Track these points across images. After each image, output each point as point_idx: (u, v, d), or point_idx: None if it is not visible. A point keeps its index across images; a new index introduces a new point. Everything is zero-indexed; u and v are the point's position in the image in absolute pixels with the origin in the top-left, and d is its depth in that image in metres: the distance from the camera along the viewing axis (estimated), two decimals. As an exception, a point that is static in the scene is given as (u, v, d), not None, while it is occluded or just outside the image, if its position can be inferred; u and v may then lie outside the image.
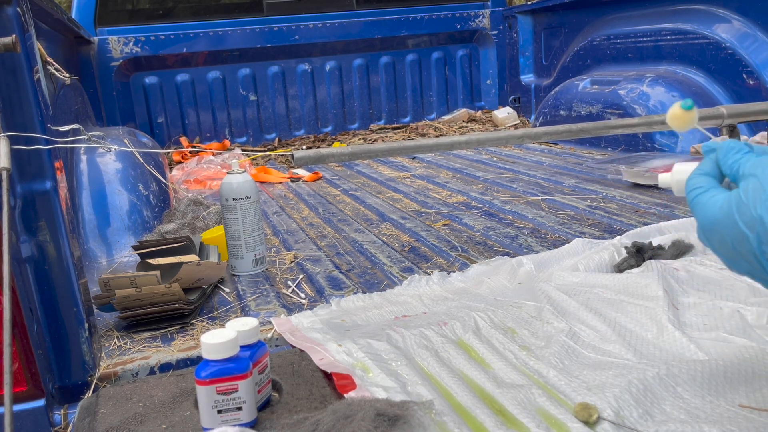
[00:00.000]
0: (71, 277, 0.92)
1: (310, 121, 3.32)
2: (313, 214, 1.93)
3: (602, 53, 2.81)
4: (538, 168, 2.33)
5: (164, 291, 1.10)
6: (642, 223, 1.53)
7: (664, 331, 0.91)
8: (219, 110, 3.17)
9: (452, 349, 0.92)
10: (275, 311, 1.17)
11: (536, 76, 3.36)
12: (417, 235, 1.60)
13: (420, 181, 2.31)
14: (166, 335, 1.09)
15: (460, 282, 1.24)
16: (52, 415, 0.93)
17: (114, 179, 1.70)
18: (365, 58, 3.33)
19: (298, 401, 0.82)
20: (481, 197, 1.95)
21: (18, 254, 0.88)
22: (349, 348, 0.93)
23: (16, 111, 0.87)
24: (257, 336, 0.80)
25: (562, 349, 0.90)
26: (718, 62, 2.23)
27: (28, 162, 0.88)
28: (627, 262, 1.18)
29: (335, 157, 1.06)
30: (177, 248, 1.34)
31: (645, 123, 1.10)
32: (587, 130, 1.10)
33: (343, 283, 1.30)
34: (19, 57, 0.85)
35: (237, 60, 3.14)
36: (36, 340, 0.90)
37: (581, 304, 1.02)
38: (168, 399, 0.85)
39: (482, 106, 3.55)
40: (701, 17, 2.30)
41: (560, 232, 1.52)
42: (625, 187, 1.91)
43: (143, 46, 2.96)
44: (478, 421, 0.74)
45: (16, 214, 0.88)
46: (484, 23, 3.42)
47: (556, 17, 3.14)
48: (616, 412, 0.73)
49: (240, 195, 1.35)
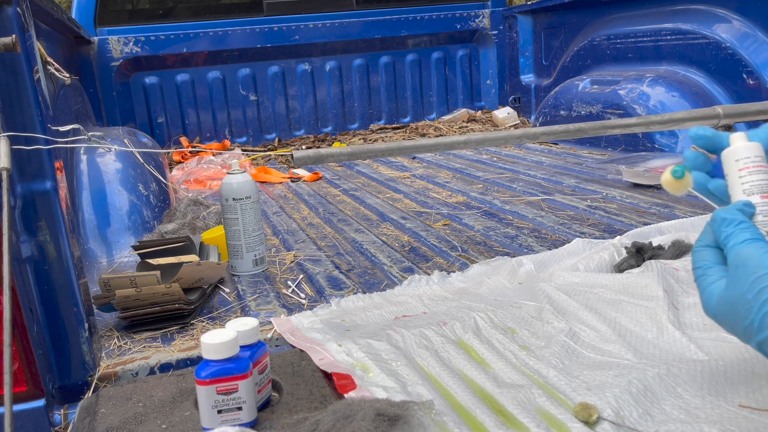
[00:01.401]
0: (71, 277, 0.92)
1: (310, 121, 3.32)
2: (313, 214, 1.93)
3: (602, 53, 2.81)
4: (538, 168, 2.33)
5: (164, 291, 1.10)
6: (642, 223, 1.53)
7: (664, 331, 0.91)
8: (219, 110, 3.17)
9: (452, 349, 0.92)
10: (275, 311, 1.17)
11: (536, 76, 3.36)
12: (417, 235, 1.60)
13: (420, 181, 2.31)
14: (166, 335, 1.09)
15: (460, 282, 1.24)
16: (52, 415, 0.93)
17: (114, 179, 1.70)
18: (365, 58, 3.33)
19: (298, 401, 0.82)
20: (481, 197, 1.95)
21: (18, 254, 0.88)
22: (349, 348, 0.93)
23: (16, 111, 0.87)
24: (257, 336, 0.80)
25: (562, 349, 0.90)
26: (718, 62, 2.23)
27: (28, 162, 0.88)
28: (627, 262, 1.18)
29: (335, 157, 1.06)
30: (177, 248, 1.34)
31: (643, 123, 1.10)
32: (586, 130, 1.09)
33: (343, 283, 1.30)
34: (19, 57, 0.85)
35: (237, 60, 3.14)
36: (36, 340, 0.90)
37: (581, 304, 1.02)
38: (168, 399, 0.85)
39: (482, 106, 3.55)
40: (701, 17, 2.30)
41: (560, 232, 1.52)
42: (625, 187, 1.91)
43: (143, 46, 2.96)
44: (478, 421, 0.74)
45: (16, 214, 0.88)
46: (484, 23, 3.42)
47: (556, 17, 3.14)
48: (616, 412, 0.73)
49: (240, 195, 1.35)
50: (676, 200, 1.71)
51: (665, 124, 1.09)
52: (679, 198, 1.73)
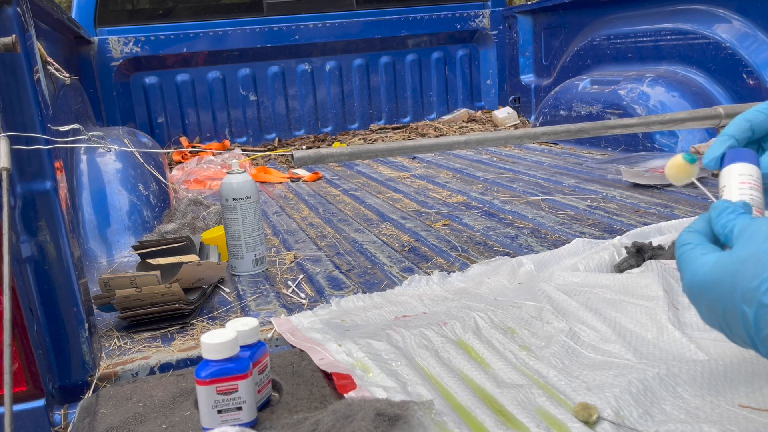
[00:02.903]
0: (71, 277, 0.92)
1: (310, 121, 3.32)
2: (313, 214, 1.93)
3: (602, 53, 2.81)
4: (538, 168, 2.33)
5: (164, 291, 1.10)
6: (642, 223, 1.53)
7: (664, 331, 0.91)
8: (219, 110, 3.17)
9: (452, 349, 0.92)
10: (275, 311, 1.17)
11: (536, 76, 3.36)
12: (417, 235, 1.60)
13: (420, 181, 2.31)
14: (166, 335, 1.09)
15: (460, 282, 1.24)
16: (52, 415, 0.93)
17: (114, 179, 1.70)
18: (365, 58, 3.33)
19: (298, 401, 0.82)
20: (481, 197, 1.95)
21: (18, 254, 0.88)
22: (349, 348, 0.93)
23: (16, 111, 0.87)
24: (257, 336, 0.80)
25: (562, 349, 0.90)
26: (718, 62, 2.23)
27: (28, 162, 0.88)
28: (627, 262, 1.18)
29: (335, 157, 1.06)
30: (177, 248, 1.34)
31: (643, 123, 1.11)
32: (586, 130, 1.10)
33: (343, 283, 1.30)
34: (19, 57, 0.85)
35: (237, 60, 3.14)
36: (36, 340, 0.90)
37: (581, 304, 1.02)
38: (168, 399, 0.85)
39: (482, 106, 3.55)
40: (701, 17, 2.30)
41: (560, 232, 1.52)
42: (625, 187, 1.91)
43: (143, 46, 2.96)
44: (478, 421, 0.74)
45: (16, 214, 0.88)
46: (484, 23, 3.42)
47: (556, 17, 3.14)
48: (616, 412, 0.73)
49: (240, 195, 1.35)
50: (676, 200, 1.71)
51: (665, 124, 1.09)
52: (679, 198, 1.73)
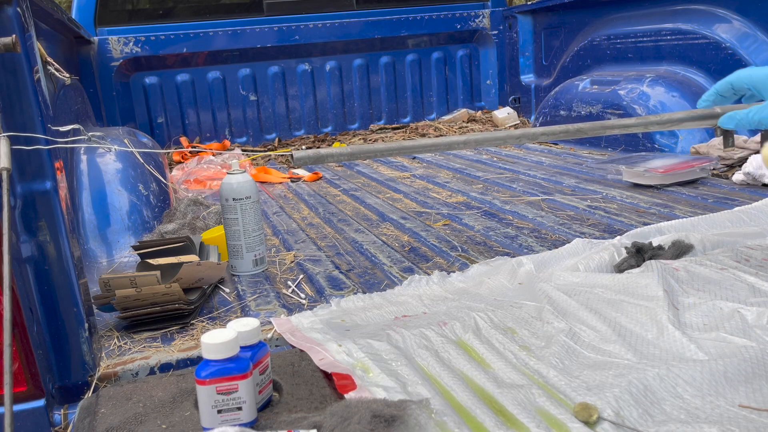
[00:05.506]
0: (71, 277, 0.92)
1: (310, 121, 3.32)
2: (313, 214, 1.93)
3: (602, 53, 2.81)
4: (538, 168, 2.33)
5: (164, 291, 1.10)
6: (642, 223, 1.53)
7: (664, 331, 0.91)
8: (219, 110, 3.17)
9: (452, 349, 0.92)
10: (275, 311, 1.17)
11: (536, 76, 3.36)
12: (417, 235, 1.60)
13: (420, 181, 2.31)
14: (166, 335, 1.09)
15: (460, 282, 1.24)
16: (52, 415, 0.93)
17: (114, 179, 1.70)
18: (365, 58, 3.33)
19: (298, 401, 0.82)
20: (481, 197, 1.95)
21: (18, 254, 0.88)
22: (349, 348, 0.93)
23: (16, 111, 0.87)
24: (258, 336, 0.80)
25: (562, 349, 0.90)
26: (718, 62, 2.23)
27: (28, 162, 0.88)
28: (627, 262, 1.18)
29: (335, 157, 1.06)
30: (177, 248, 1.34)
31: (643, 123, 1.10)
32: (586, 130, 1.10)
33: (343, 283, 1.30)
34: (19, 57, 0.85)
35: (237, 60, 3.14)
36: (36, 340, 0.90)
37: (581, 304, 1.02)
38: (168, 399, 0.85)
39: (482, 106, 3.55)
40: (701, 17, 2.30)
41: (560, 232, 1.52)
42: (625, 187, 1.91)
43: (143, 46, 2.96)
44: (478, 421, 0.74)
45: (16, 214, 0.88)
46: (484, 23, 3.42)
47: (556, 17, 3.14)
48: (616, 412, 0.73)
49: (240, 195, 1.35)
50: (676, 200, 1.71)
51: (665, 124, 1.09)
52: (679, 198, 1.73)
